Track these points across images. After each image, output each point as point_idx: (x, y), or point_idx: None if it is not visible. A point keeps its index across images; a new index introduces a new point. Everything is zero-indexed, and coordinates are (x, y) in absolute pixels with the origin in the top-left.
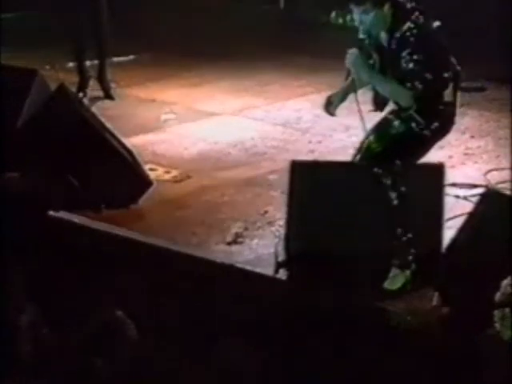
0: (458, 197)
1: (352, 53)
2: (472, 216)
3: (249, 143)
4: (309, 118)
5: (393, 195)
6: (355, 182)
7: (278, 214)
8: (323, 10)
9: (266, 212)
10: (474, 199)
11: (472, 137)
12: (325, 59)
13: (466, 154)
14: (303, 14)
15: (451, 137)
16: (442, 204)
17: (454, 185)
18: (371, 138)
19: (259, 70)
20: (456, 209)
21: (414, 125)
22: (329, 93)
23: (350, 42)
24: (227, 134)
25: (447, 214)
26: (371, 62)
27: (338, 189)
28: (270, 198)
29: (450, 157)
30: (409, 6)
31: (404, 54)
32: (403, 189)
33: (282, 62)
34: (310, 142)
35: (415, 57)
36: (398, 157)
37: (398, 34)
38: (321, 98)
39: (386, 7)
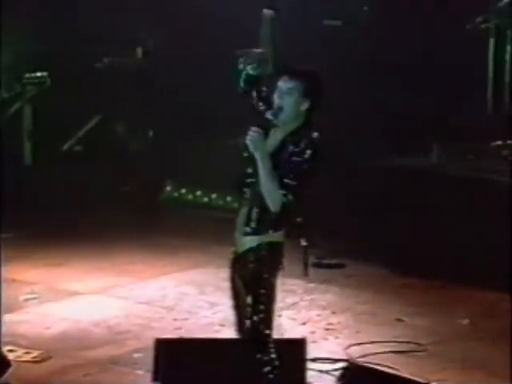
0: (320, 371)
1: (255, 131)
2: None
3: (113, 321)
4: (174, 295)
5: (267, 369)
6: (223, 358)
7: None
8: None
9: None
10: (336, 373)
11: (333, 312)
12: (187, 239)
13: (327, 330)
14: (167, 194)
15: (313, 313)
16: (305, 379)
17: (316, 359)
18: None
19: (122, 249)
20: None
21: None
22: (194, 271)
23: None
24: (91, 313)
25: None
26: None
27: (205, 366)
28: (135, 377)
29: (312, 332)
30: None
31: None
32: (277, 363)
33: (144, 241)
34: (175, 320)
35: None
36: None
37: (293, 139)
38: (185, 276)
39: (306, 104)
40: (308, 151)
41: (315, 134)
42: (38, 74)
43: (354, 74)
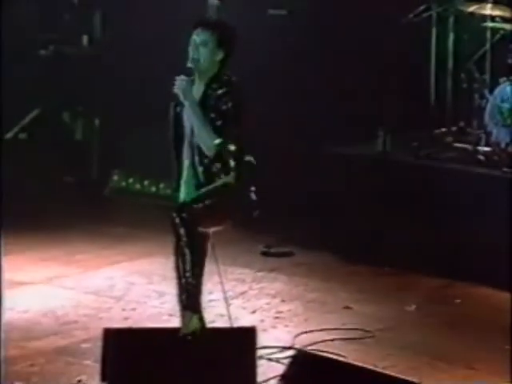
0: (270, 360)
1: (182, 79)
2: (284, 378)
3: (60, 312)
4: (122, 285)
5: None
6: (172, 347)
7: (92, 383)
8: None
9: (79, 381)
10: (286, 361)
11: (282, 301)
12: (135, 229)
13: (276, 318)
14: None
15: (262, 301)
16: (255, 367)
17: (265, 347)
18: None
19: (68, 239)
20: (269, 371)
21: None
22: (142, 261)
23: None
24: (37, 303)
25: (260, 376)
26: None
27: (154, 355)
28: (83, 368)
29: (262, 320)
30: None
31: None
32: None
33: (91, 231)
34: (123, 310)
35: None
36: None
37: (215, 85)
38: (133, 265)
39: (221, 54)
40: (232, 94)
41: (234, 78)
42: None
43: (300, 62)
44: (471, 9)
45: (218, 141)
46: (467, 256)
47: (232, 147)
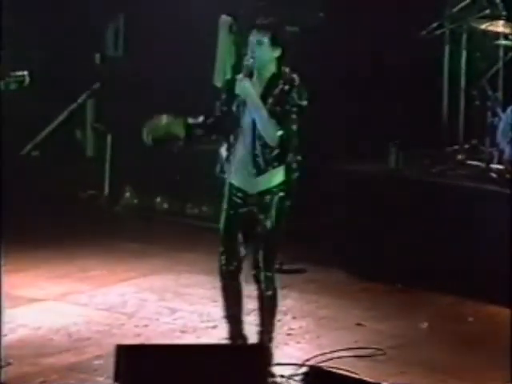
0: (282, 376)
1: (241, 79)
2: None
3: (72, 328)
4: (134, 302)
5: None
6: (184, 364)
7: None
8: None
9: None
10: (298, 378)
11: (294, 318)
12: (147, 245)
13: (288, 335)
14: (128, 199)
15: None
16: None
17: (277, 364)
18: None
19: (82, 255)
20: None
21: None
22: (154, 277)
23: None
24: (50, 320)
25: None
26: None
27: (166, 372)
28: None
29: (274, 337)
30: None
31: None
32: None
33: (103, 248)
34: (136, 326)
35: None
36: None
37: (276, 81)
38: (145, 282)
39: (277, 51)
40: (294, 89)
41: (295, 75)
42: (19, 73)
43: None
44: (484, 26)
45: (280, 132)
46: (479, 273)
47: (295, 141)
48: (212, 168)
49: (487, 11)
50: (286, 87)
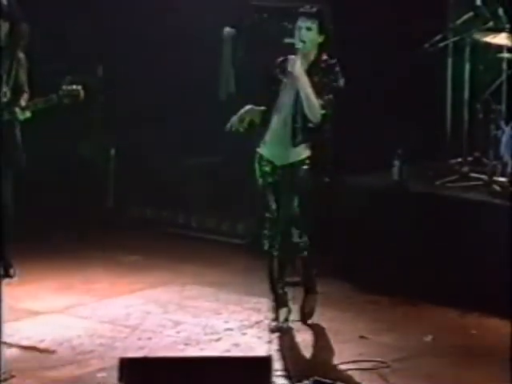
0: None
1: (292, 58)
2: None
3: (76, 341)
4: (138, 314)
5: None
6: (188, 377)
7: None
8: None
9: None
10: None
11: (298, 330)
12: (151, 257)
13: (292, 347)
14: (132, 212)
15: None
16: None
17: (281, 377)
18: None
19: (84, 268)
20: None
21: None
22: (157, 290)
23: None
24: (53, 333)
25: None
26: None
27: None
28: None
29: (277, 350)
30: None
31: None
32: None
33: (107, 260)
34: (139, 339)
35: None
36: None
37: (318, 64)
38: (149, 294)
39: (322, 37)
40: (332, 73)
41: (333, 60)
42: (74, 86)
43: None
44: (487, 39)
45: (323, 111)
46: (483, 286)
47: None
48: (213, 181)
49: (490, 24)
50: (326, 70)
